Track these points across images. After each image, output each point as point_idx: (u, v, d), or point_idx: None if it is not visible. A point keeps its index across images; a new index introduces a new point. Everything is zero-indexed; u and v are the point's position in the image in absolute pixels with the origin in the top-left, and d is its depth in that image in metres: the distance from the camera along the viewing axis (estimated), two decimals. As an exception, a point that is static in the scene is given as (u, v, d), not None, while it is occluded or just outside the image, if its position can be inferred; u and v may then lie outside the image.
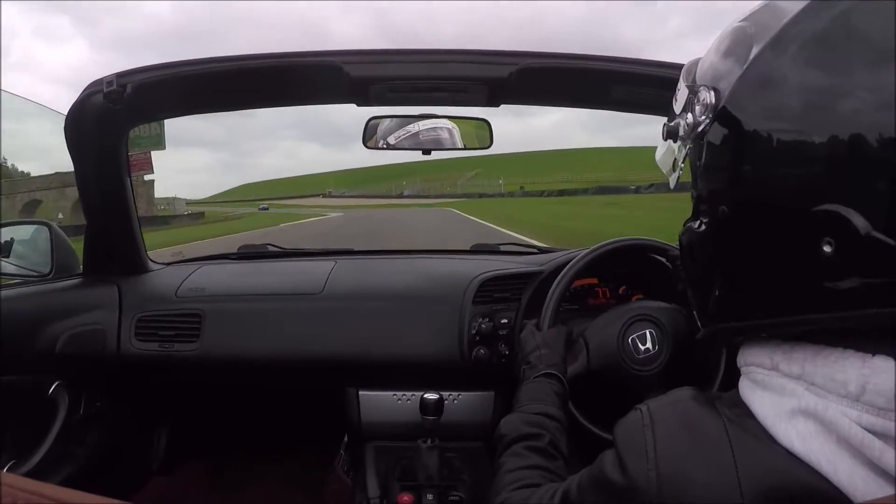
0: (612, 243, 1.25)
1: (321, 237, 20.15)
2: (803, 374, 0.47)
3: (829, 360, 0.46)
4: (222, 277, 1.60)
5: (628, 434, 0.55)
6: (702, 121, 0.55)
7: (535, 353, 1.07)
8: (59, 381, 1.33)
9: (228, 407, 1.78)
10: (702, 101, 0.54)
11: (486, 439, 1.46)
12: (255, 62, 1.22)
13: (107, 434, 1.51)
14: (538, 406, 0.93)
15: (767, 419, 0.48)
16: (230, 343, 1.44)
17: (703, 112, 0.54)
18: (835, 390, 0.44)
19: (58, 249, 1.44)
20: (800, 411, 0.46)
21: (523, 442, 0.86)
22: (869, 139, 0.42)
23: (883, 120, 0.41)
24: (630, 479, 0.51)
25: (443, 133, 1.40)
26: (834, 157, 0.43)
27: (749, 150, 0.50)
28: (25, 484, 0.28)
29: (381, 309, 1.47)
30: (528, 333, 1.14)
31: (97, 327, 1.43)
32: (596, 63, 1.22)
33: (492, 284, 1.45)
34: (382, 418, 1.46)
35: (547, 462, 0.82)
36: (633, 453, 0.52)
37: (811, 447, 0.44)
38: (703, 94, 0.54)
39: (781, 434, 0.46)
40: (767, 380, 0.50)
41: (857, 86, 0.43)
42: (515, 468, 0.81)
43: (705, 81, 0.56)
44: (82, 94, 1.25)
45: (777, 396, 0.48)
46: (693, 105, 0.56)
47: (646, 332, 1.10)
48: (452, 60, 1.23)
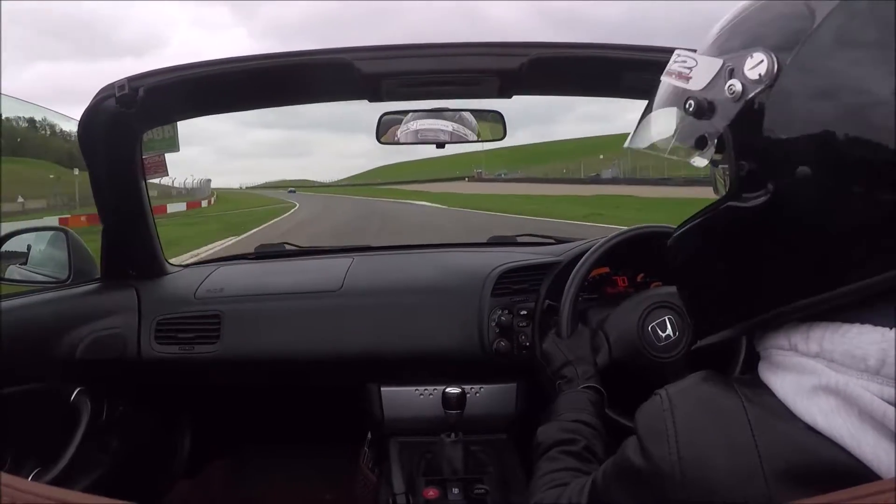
0: (629, 231, 1.23)
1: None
2: (822, 351, 0.47)
3: (848, 336, 0.45)
4: (240, 278, 1.58)
5: (649, 419, 0.54)
6: (759, 82, 0.50)
7: (568, 367, 1.05)
8: (80, 388, 1.30)
9: (251, 407, 1.75)
10: (756, 65, 0.50)
11: (510, 431, 1.44)
12: (265, 62, 1.19)
13: (130, 439, 1.48)
14: (574, 414, 0.93)
15: (788, 397, 0.47)
16: (250, 343, 1.41)
17: (762, 74, 0.50)
18: (854, 365, 0.44)
19: (75, 255, 1.41)
20: (821, 388, 0.45)
21: (558, 447, 0.86)
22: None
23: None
24: (652, 464, 0.51)
25: (443, 135, 1.36)
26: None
27: (833, 104, 0.47)
28: (38, 489, 0.26)
29: (400, 304, 1.44)
30: (552, 345, 1.12)
31: (117, 332, 1.40)
32: (607, 51, 1.19)
33: (510, 276, 1.42)
34: (405, 414, 1.43)
35: (581, 465, 0.82)
36: (654, 438, 0.52)
37: (834, 423, 0.44)
38: (760, 56, 0.50)
39: (803, 411, 0.46)
40: (787, 360, 0.50)
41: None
42: (549, 471, 0.81)
43: (751, 46, 0.52)
44: (94, 99, 1.22)
45: (797, 375, 0.48)
46: (735, 72, 0.52)
47: (665, 318, 1.08)
48: (463, 53, 1.21)
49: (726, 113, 0.53)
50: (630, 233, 1.23)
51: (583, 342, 1.10)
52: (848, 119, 0.46)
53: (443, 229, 14.78)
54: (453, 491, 1.27)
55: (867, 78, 0.46)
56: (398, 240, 9.25)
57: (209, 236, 13.79)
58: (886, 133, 0.44)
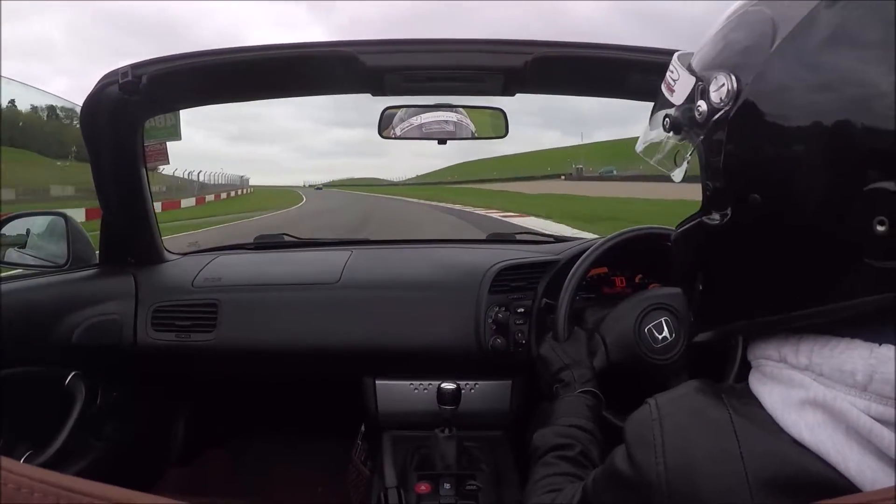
0: (628, 232, 1.22)
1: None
2: (811, 364, 0.46)
3: (836, 350, 0.45)
4: (239, 267, 1.56)
5: (637, 428, 0.54)
6: (720, 106, 0.51)
7: (566, 371, 1.04)
8: (75, 372, 1.28)
9: (245, 397, 1.74)
10: (718, 88, 0.51)
11: (504, 428, 1.42)
12: (268, 52, 1.18)
13: (124, 425, 1.46)
14: (570, 419, 0.92)
15: (776, 410, 0.47)
16: (247, 333, 1.40)
17: (723, 98, 0.50)
18: (842, 380, 0.44)
19: (74, 240, 1.39)
20: (808, 402, 0.45)
21: (554, 452, 0.85)
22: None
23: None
24: (639, 472, 0.51)
25: (448, 126, 1.35)
26: (883, 135, 0.41)
27: (787, 133, 0.46)
28: (33, 472, 0.26)
29: (398, 298, 1.43)
30: (549, 349, 1.10)
31: (113, 318, 1.38)
32: (611, 52, 1.18)
33: (508, 273, 1.41)
34: (399, 408, 1.42)
35: (577, 470, 0.81)
36: (641, 447, 0.52)
37: (820, 437, 0.44)
38: (722, 80, 0.50)
39: (790, 424, 0.46)
40: (776, 371, 0.49)
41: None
42: (544, 476, 0.81)
43: (718, 67, 0.52)
44: (97, 85, 1.21)
45: (786, 388, 0.48)
46: (705, 93, 0.52)
47: (662, 320, 1.06)
48: (467, 50, 1.20)
49: (695, 132, 0.55)
50: (629, 233, 1.22)
51: (580, 345, 1.08)
52: (800, 148, 0.46)
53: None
54: (445, 486, 1.25)
55: (822, 106, 0.45)
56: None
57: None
58: (843, 164, 0.44)
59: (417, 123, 1.33)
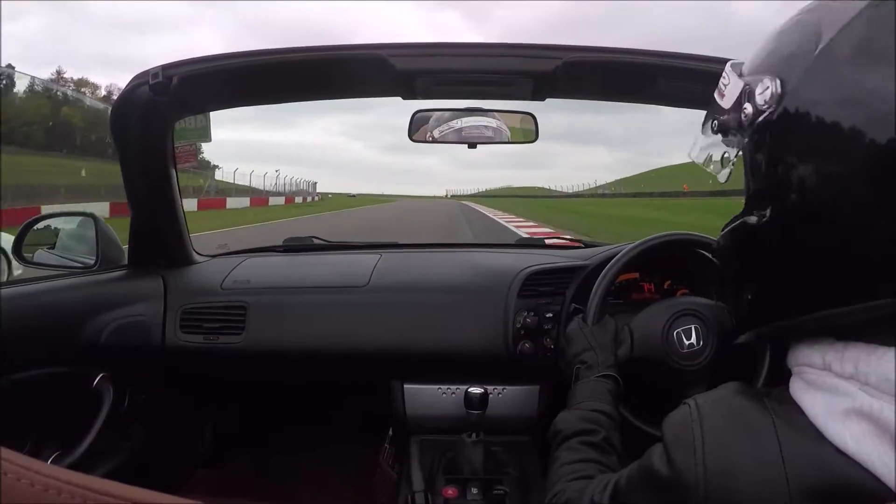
0: (657, 238, 1.18)
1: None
2: (857, 373, 0.44)
3: (884, 359, 0.43)
4: (267, 270, 1.52)
5: (676, 429, 0.53)
6: (764, 108, 0.51)
7: (589, 353, 1.01)
8: (103, 374, 1.24)
9: (273, 400, 1.70)
10: (763, 91, 0.51)
11: (532, 433, 1.38)
12: (300, 55, 1.14)
13: (151, 427, 1.42)
14: (594, 403, 0.90)
15: (819, 418, 0.46)
16: (275, 335, 1.36)
17: (767, 101, 0.51)
18: (889, 390, 0.42)
19: (103, 241, 1.35)
20: (854, 411, 0.43)
21: (578, 437, 0.83)
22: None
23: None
24: (677, 474, 0.50)
25: (487, 131, 1.31)
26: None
27: (821, 140, 0.46)
28: (60, 474, 0.26)
29: (426, 302, 1.39)
30: (576, 329, 1.08)
31: (142, 319, 1.34)
32: (642, 57, 1.15)
33: (537, 278, 1.36)
34: (427, 412, 1.38)
35: (601, 456, 0.80)
36: (681, 448, 0.50)
37: (865, 448, 0.42)
38: (767, 83, 0.51)
39: (834, 433, 0.44)
40: (820, 379, 0.47)
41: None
42: (571, 461, 0.79)
43: (765, 71, 0.52)
44: (128, 86, 1.18)
45: (830, 396, 0.46)
46: (751, 95, 0.52)
47: (691, 327, 1.03)
48: (498, 54, 1.16)
49: (741, 134, 0.55)
50: (659, 239, 1.19)
51: (606, 332, 1.06)
52: (841, 151, 0.45)
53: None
54: (472, 490, 1.22)
55: (850, 120, 0.44)
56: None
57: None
58: (879, 169, 0.43)
59: (458, 127, 1.29)
